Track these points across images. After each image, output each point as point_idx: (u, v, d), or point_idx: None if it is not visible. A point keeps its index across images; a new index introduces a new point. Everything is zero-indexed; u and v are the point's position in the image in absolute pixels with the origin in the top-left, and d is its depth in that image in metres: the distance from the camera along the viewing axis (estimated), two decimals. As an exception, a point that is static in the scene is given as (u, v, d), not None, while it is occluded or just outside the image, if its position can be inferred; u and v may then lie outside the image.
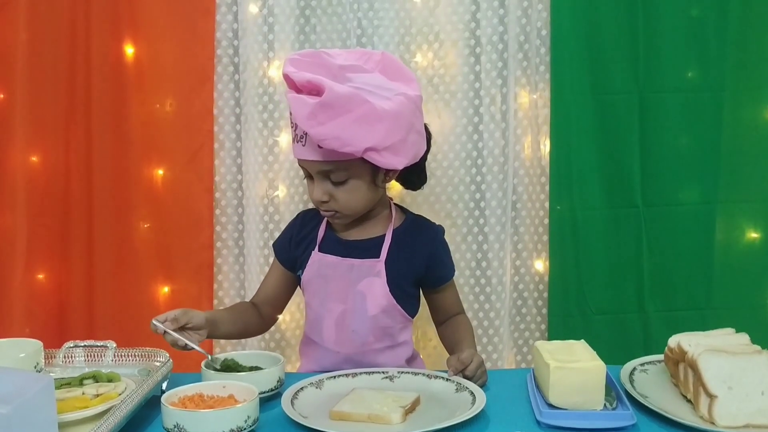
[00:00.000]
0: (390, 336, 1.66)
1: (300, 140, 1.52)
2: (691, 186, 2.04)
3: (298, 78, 1.47)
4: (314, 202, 1.60)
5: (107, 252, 2.08)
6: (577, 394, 1.31)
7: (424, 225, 1.70)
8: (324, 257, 1.65)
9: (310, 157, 1.52)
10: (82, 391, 1.32)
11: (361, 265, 1.62)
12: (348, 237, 1.66)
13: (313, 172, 1.55)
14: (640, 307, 2.05)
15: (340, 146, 1.45)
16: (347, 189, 1.55)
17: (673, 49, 2.00)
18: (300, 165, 1.58)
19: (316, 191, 1.56)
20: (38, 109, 2.02)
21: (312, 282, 1.66)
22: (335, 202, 1.56)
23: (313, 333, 1.68)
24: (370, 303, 1.62)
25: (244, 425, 1.22)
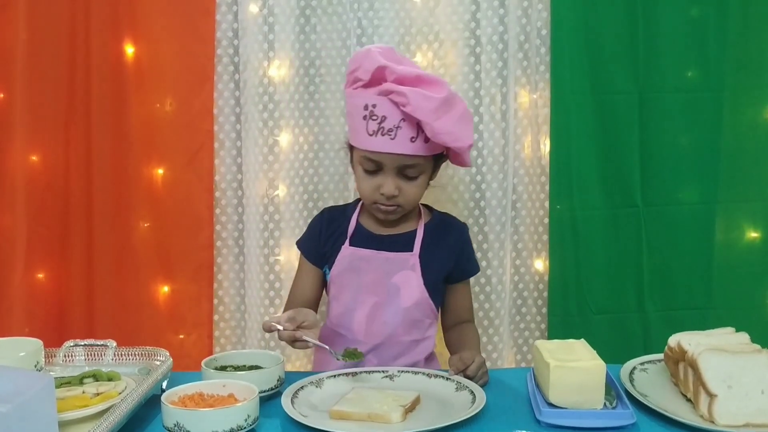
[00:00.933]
0: (418, 330, 1.69)
1: (388, 133, 1.56)
2: (690, 186, 2.04)
3: (407, 72, 1.55)
4: (376, 197, 1.63)
5: (107, 251, 2.07)
6: (577, 394, 1.31)
7: (451, 221, 1.79)
8: (357, 251, 1.69)
9: (399, 151, 1.57)
10: (82, 390, 1.33)
11: (396, 258, 1.67)
12: (380, 231, 1.72)
13: (391, 166, 1.60)
14: (640, 306, 2.05)
15: (452, 141, 1.55)
16: (416, 184, 1.64)
17: (672, 49, 1.99)
18: (372, 158, 1.60)
19: (388, 185, 1.60)
20: (38, 108, 2.02)
21: (342, 276, 1.70)
22: (402, 196, 1.63)
23: (340, 326, 1.71)
24: (404, 295, 1.66)
25: (244, 424, 1.22)
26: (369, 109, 1.58)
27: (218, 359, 1.51)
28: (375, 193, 1.63)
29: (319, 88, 2.06)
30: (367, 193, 1.65)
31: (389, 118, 1.56)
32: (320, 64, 2.05)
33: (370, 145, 1.60)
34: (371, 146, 1.60)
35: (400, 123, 1.56)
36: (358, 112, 1.60)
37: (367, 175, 1.64)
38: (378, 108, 1.57)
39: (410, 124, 1.56)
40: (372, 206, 1.67)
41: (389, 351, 1.68)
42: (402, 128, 1.56)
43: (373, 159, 1.61)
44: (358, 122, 1.61)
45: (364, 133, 1.59)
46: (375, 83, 1.59)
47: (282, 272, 2.05)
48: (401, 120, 1.56)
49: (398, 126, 1.56)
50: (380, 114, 1.57)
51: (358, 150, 1.64)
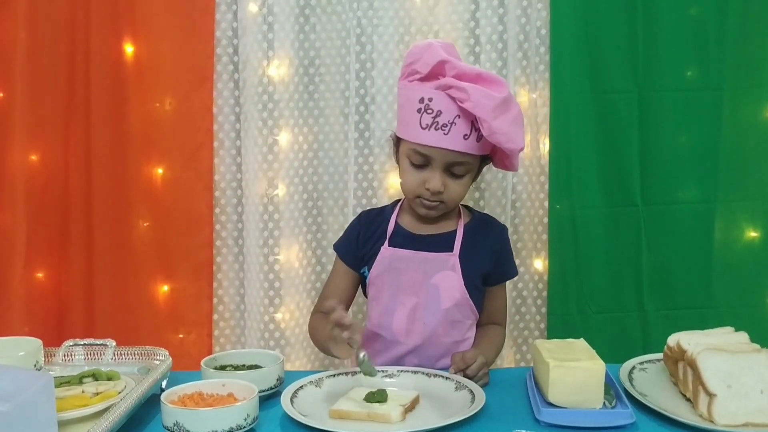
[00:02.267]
0: (458, 331, 1.69)
1: (442, 128, 1.56)
2: (690, 185, 2.03)
3: (467, 69, 1.57)
4: (421, 191, 1.62)
5: (107, 250, 2.07)
6: (577, 393, 1.31)
7: (492, 222, 1.79)
8: (396, 251, 1.68)
9: (451, 147, 1.57)
10: (82, 390, 1.33)
11: (436, 259, 1.67)
12: (420, 231, 1.71)
13: (440, 161, 1.59)
14: (640, 305, 2.04)
15: (506, 141, 1.54)
16: (461, 182, 1.64)
17: (672, 48, 1.99)
18: (422, 152, 1.59)
19: (435, 181, 1.60)
20: (38, 107, 2.02)
21: (382, 276, 1.69)
22: (447, 193, 1.62)
23: (381, 327, 1.70)
24: (444, 296, 1.66)
25: (243, 423, 1.22)
26: (425, 103, 1.57)
27: (218, 359, 1.51)
28: (420, 187, 1.62)
29: (318, 88, 2.06)
30: (412, 186, 1.64)
31: (445, 113, 1.56)
32: (320, 64, 2.05)
33: (422, 138, 1.59)
34: (423, 140, 1.58)
35: (455, 119, 1.55)
36: (412, 105, 1.59)
37: (414, 169, 1.63)
38: (434, 102, 1.56)
39: (465, 121, 1.55)
40: (414, 200, 1.66)
41: (430, 352, 1.67)
42: (456, 124, 1.55)
43: (423, 153, 1.60)
44: (411, 115, 1.59)
45: (417, 126, 1.58)
46: (433, 77, 1.58)
47: (281, 272, 2.05)
48: (456, 116, 1.55)
49: (453, 122, 1.55)
50: (436, 108, 1.56)
51: (408, 143, 1.62)
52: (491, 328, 1.75)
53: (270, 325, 2.06)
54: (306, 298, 2.09)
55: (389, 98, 2.00)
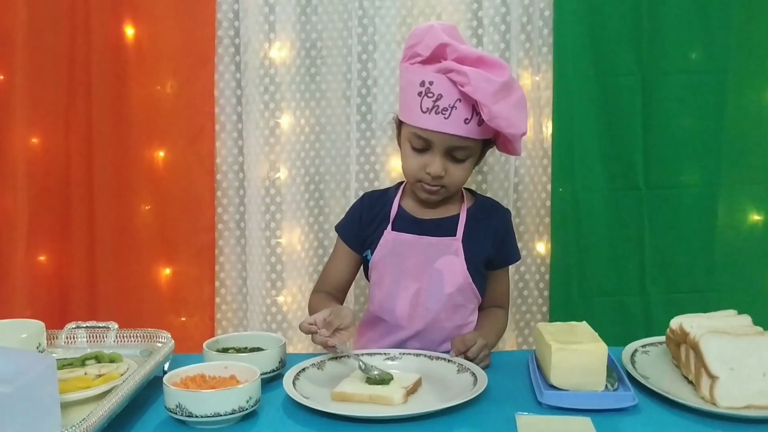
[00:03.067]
0: (461, 315, 1.69)
1: (442, 112, 1.55)
2: (693, 168, 2.02)
3: (469, 52, 1.54)
4: (422, 175, 1.62)
5: (108, 234, 2.07)
6: (579, 376, 1.31)
7: (495, 206, 1.78)
8: (399, 235, 1.68)
9: (452, 131, 1.56)
10: (84, 372, 1.33)
11: (438, 243, 1.66)
12: (423, 216, 1.70)
13: (441, 145, 1.58)
14: (642, 289, 2.04)
15: (507, 126, 1.53)
16: (463, 167, 1.62)
17: (676, 31, 1.97)
18: (422, 136, 1.58)
19: (436, 165, 1.59)
20: (38, 90, 2.01)
21: (385, 261, 1.68)
22: (448, 177, 1.61)
23: (383, 312, 1.69)
24: (447, 280, 1.65)
25: (245, 405, 1.23)
26: (425, 86, 1.56)
27: (220, 341, 1.51)
28: (420, 171, 1.62)
29: (320, 70, 2.05)
30: (413, 170, 1.63)
31: (445, 96, 1.54)
32: (321, 46, 2.04)
33: (422, 122, 1.57)
34: (424, 124, 1.57)
35: (456, 103, 1.54)
36: (413, 88, 1.58)
37: (415, 153, 1.62)
38: (435, 85, 1.55)
39: (466, 105, 1.54)
40: (415, 185, 1.65)
41: (432, 336, 1.66)
42: (457, 108, 1.54)
43: (424, 137, 1.59)
44: (412, 98, 1.58)
45: (418, 110, 1.57)
46: (434, 60, 1.57)
47: (283, 255, 2.05)
48: (457, 100, 1.54)
49: (453, 106, 1.54)
50: (437, 92, 1.55)
51: (409, 126, 1.61)
52: (493, 311, 1.75)
53: (272, 308, 2.06)
54: (308, 282, 2.08)
55: (391, 81, 1.99)
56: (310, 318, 1.47)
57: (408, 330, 1.67)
